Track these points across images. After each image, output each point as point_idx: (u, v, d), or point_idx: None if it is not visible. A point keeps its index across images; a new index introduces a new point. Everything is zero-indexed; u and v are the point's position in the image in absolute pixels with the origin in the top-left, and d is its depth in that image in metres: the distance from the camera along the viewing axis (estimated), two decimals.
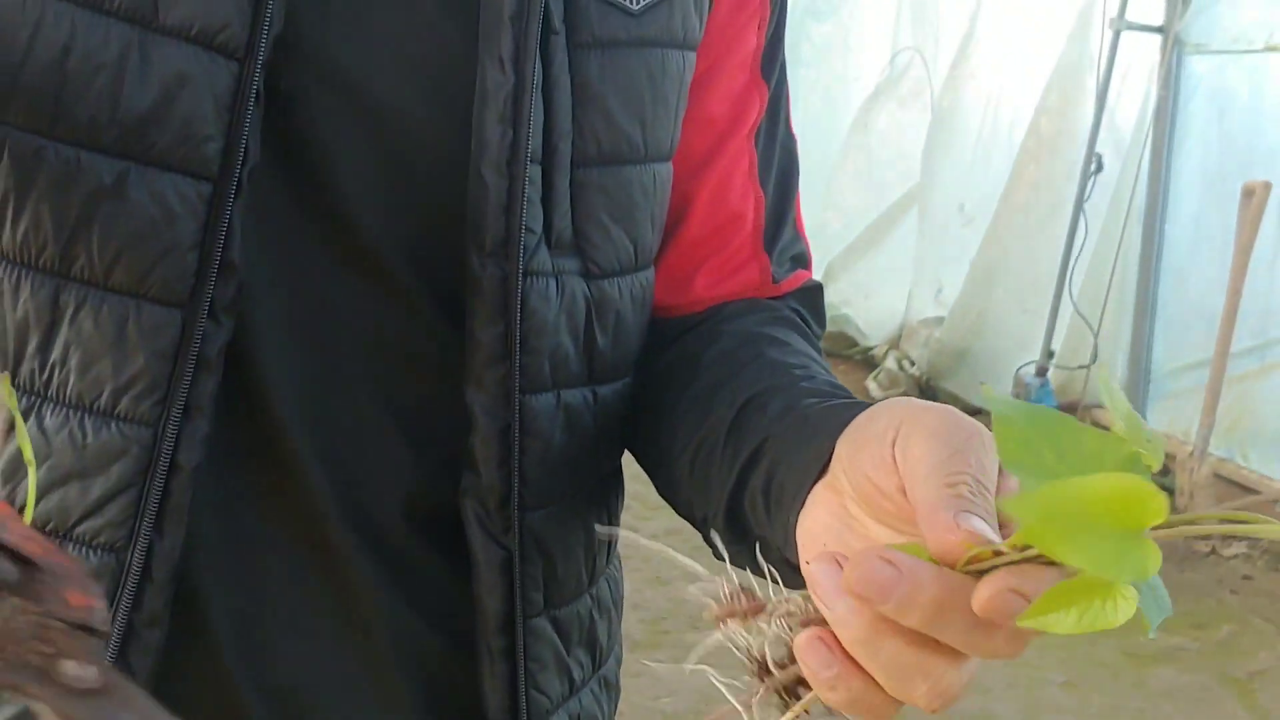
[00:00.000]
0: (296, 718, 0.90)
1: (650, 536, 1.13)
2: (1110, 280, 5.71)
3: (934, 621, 0.58)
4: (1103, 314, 5.73)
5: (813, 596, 0.61)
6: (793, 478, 0.74)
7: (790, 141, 1.04)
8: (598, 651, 1.00)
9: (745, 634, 0.64)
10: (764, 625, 0.64)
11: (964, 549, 0.58)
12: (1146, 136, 5.59)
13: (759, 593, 0.65)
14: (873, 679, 0.61)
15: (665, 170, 0.94)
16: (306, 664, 0.90)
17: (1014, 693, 3.69)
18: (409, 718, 0.93)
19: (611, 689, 1.03)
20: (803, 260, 1.05)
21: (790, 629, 0.63)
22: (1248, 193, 4.70)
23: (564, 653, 0.95)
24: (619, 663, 1.06)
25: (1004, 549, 0.57)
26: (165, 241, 0.79)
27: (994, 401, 0.57)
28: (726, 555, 0.72)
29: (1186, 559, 4.53)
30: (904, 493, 0.63)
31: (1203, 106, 5.50)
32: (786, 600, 0.64)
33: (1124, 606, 0.55)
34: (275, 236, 0.84)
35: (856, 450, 0.67)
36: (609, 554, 1.01)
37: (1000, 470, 0.63)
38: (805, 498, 0.71)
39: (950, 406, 0.66)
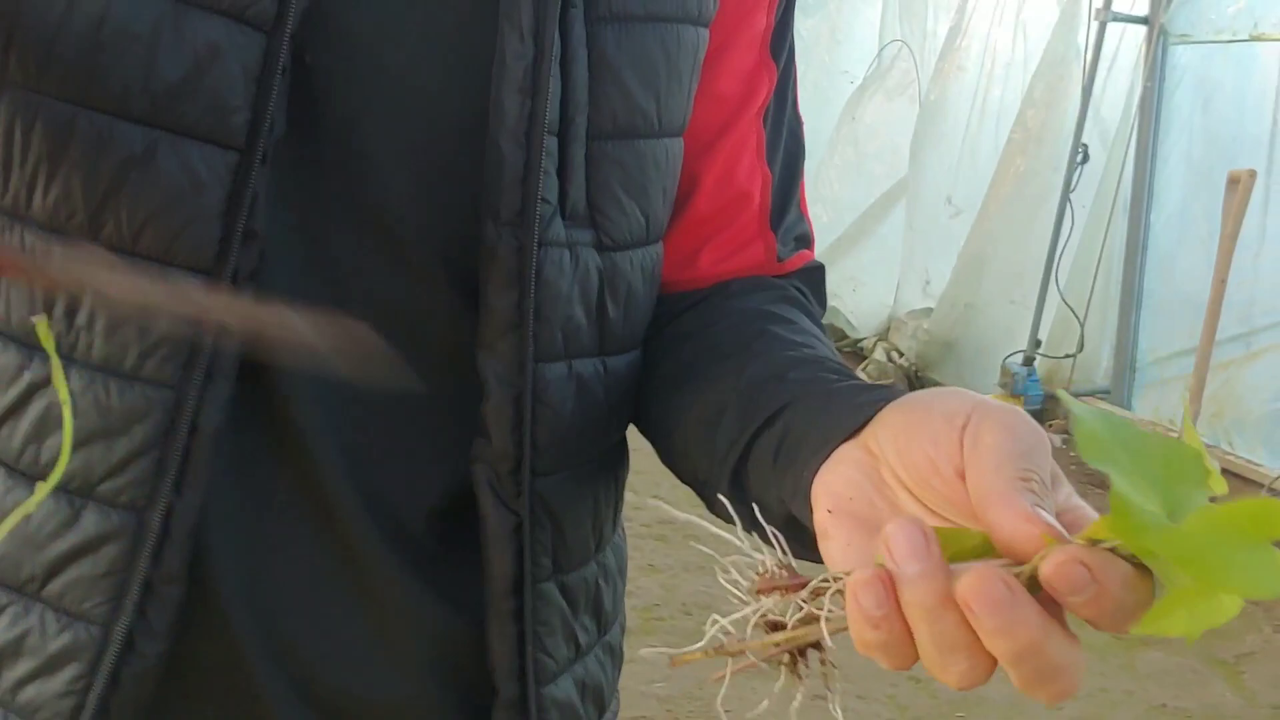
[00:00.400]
0: (303, 679, 0.91)
1: (642, 525, 1.16)
2: (1096, 270, 5.75)
3: (1008, 637, 0.59)
4: (1089, 303, 5.77)
5: (883, 551, 0.61)
6: (815, 435, 0.75)
7: (797, 124, 1.05)
8: (603, 618, 1.01)
9: (776, 609, 0.64)
10: (802, 602, 0.64)
11: (1040, 540, 0.60)
12: (1132, 127, 5.64)
13: (797, 569, 0.65)
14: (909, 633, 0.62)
15: (677, 145, 0.95)
16: (314, 627, 0.91)
17: (1005, 676, 3.72)
18: (417, 681, 0.94)
19: (615, 655, 1.05)
20: (806, 241, 1.06)
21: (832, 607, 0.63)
22: (1233, 181, 4.74)
23: (571, 618, 0.96)
24: (623, 630, 1.07)
25: (1077, 543, 0.60)
26: (192, 209, 0.81)
27: (1072, 404, 0.61)
28: (737, 517, 0.72)
29: None
30: (962, 477, 0.64)
31: (1188, 96, 5.54)
32: (833, 579, 0.64)
33: (1229, 602, 0.57)
34: (295, 205, 0.86)
35: (917, 423, 0.68)
36: (614, 523, 1.03)
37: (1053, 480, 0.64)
38: (829, 454, 0.72)
39: (1017, 407, 0.67)
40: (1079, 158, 5.74)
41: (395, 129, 0.86)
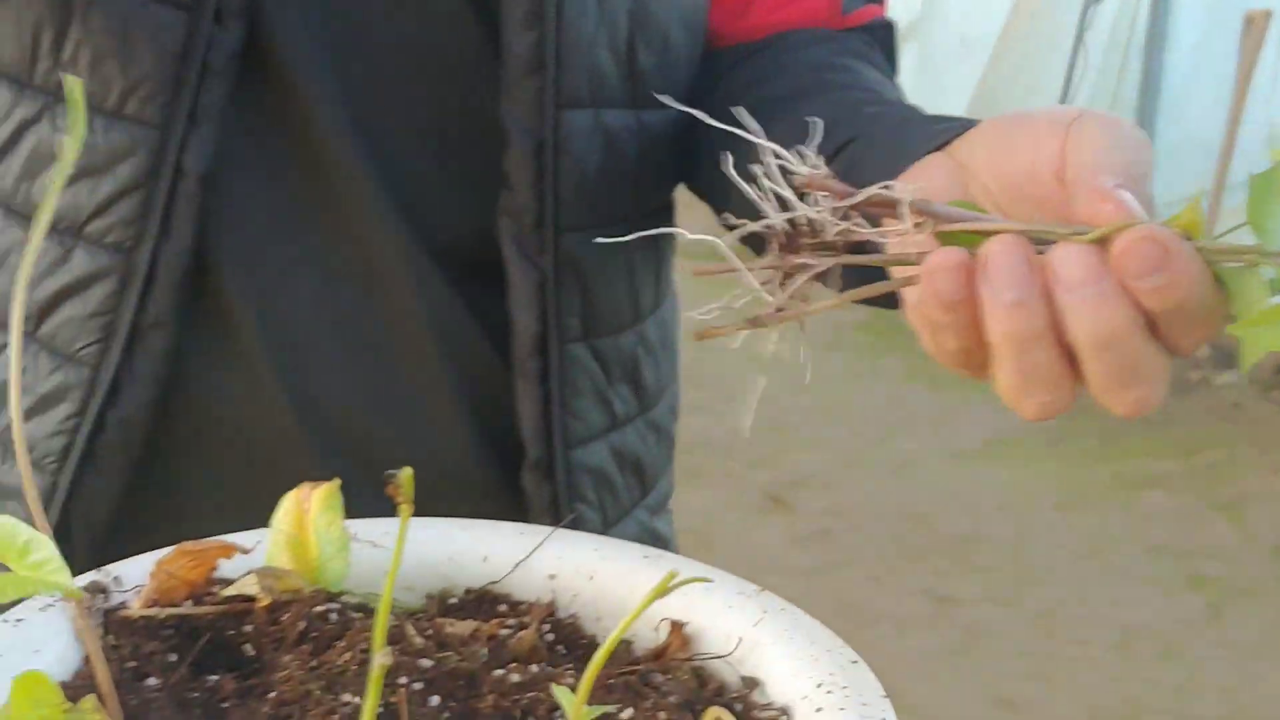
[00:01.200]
0: (336, 430, 0.92)
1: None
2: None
3: (1094, 315, 0.55)
4: None
5: (979, 272, 0.56)
6: (890, 155, 0.70)
7: None
8: (644, 392, 0.99)
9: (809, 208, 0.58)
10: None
11: (1108, 219, 0.56)
12: None
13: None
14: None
15: None
16: (343, 371, 0.92)
17: (1005, 515, 3.77)
18: (448, 435, 0.94)
19: (663, 436, 1.03)
20: None
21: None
22: (1249, 21, 4.67)
23: (604, 383, 0.95)
24: (674, 416, 1.05)
25: (1158, 226, 0.56)
26: None
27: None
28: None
29: (1178, 388, 4.60)
30: (1061, 181, 0.60)
31: None
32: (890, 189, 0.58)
33: None
34: None
35: (1018, 128, 0.63)
36: (657, 294, 1.00)
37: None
38: (907, 167, 0.67)
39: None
40: None
41: None
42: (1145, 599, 3.39)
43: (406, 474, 0.47)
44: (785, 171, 0.58)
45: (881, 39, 0.98)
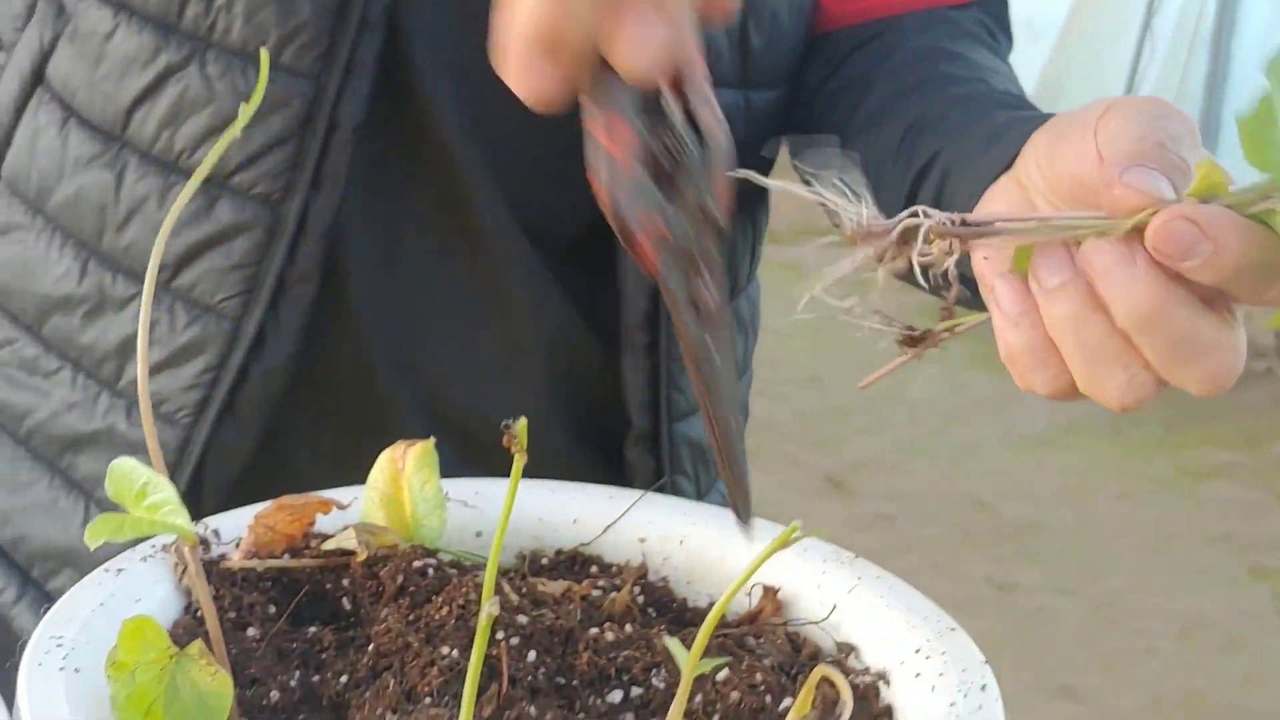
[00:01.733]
0: (431, 393, 0.92)
1: None
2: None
3: (1128, 301, 0.56)
4: None
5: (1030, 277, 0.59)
6: (969, 180, 0.73)
7: None
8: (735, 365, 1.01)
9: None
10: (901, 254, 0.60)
11: (1128, 206, 0.56)
12: None
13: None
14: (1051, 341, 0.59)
15: None
16: (446, 343, 0.93)
17: (1066, 503, 3.74)
18: (549, 408, 0.95)
19: (744, 412, 1.05)
20: None
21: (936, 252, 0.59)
22: None
23: None
24: (748, 387, 1.08)
25: (1186, 201, 0.56)
26: None
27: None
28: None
29: (1241, 378, 4.53)
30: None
31: None
32: (922, 214, 0.60)
33: None
34: None
35: (1058, 141, 0.64)
36: (750, 272, 1.02)
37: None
38: (981, 196, 0.69)
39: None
40: None
41: None
42: (1207, 590, 3.36)
43: (522, 424, 0.47)
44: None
45: (995, 12, 0.98)
